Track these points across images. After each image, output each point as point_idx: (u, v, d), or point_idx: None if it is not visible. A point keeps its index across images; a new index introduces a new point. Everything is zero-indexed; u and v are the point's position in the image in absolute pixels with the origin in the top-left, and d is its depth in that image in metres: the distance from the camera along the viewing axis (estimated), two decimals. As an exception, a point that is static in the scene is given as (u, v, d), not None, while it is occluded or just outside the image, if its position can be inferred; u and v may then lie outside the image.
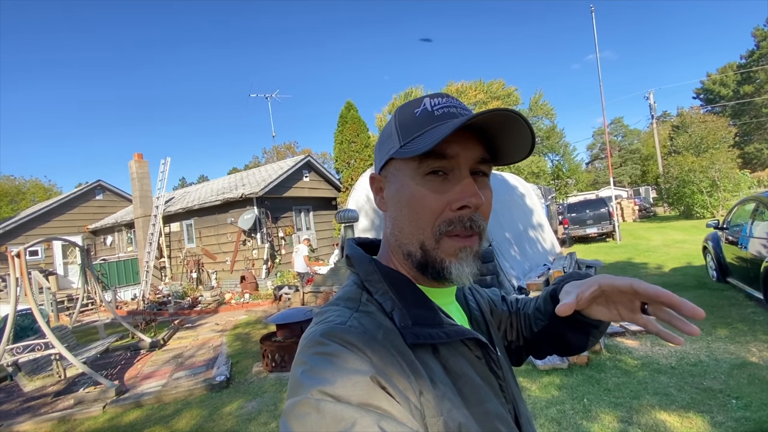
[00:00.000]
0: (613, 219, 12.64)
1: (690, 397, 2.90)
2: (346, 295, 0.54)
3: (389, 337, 0.46)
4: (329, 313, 0.50)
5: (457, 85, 36.23)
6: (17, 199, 29.48)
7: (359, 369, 0.41)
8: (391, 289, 0.52)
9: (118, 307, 10.56)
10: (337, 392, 0.38)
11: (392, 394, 0.40)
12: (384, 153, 0.55)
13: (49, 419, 3.68)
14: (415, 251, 0.52)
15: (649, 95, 25.20)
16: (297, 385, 0.40)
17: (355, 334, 0.45)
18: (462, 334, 0.52)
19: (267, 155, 40.17)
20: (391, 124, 0.55)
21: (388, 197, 0.55)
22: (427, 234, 0.50)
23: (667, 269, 7.48)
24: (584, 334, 0.64)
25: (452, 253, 0.50)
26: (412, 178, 0.51)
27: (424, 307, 0.52)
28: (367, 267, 0.55)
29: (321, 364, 0.41)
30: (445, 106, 0.52)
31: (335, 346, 0.43)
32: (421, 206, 0.50)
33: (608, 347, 3.95)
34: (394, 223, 0.54)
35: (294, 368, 0.44)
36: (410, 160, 0.51)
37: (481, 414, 0.48)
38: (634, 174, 44.69)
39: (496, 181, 9.06)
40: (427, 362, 0.48)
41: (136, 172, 11.80)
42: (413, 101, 0.54)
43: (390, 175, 0.55)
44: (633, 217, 21.33)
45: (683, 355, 3.64)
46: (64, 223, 14.25)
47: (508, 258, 6.67)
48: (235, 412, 3.51)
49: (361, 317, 0.48)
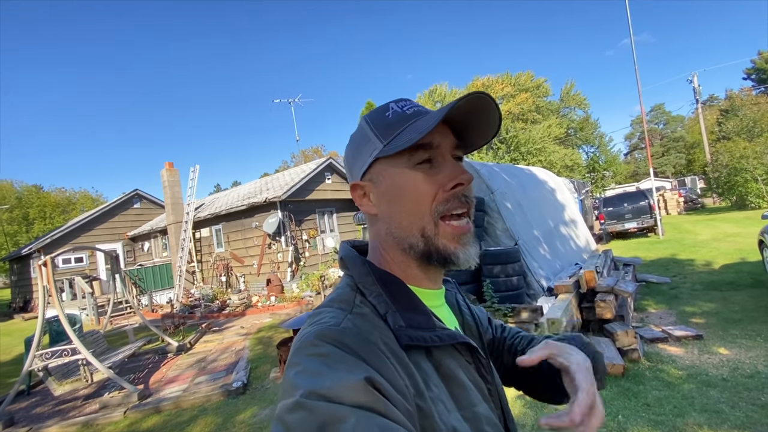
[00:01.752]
0: (654, 212, 11.78)
1: (745, 415, 2.52)
2: (339, 296, 0.54)
3: (383, 338, 0.47)
4: (323, 314, 0.50)
5: (483, 80, 35.42)
6: (68, 210, 31.66)
7: (353, 370, 0.41)
8: (385, 291, 0.52)
9: (153, 310, 10.98)
10: (331, 393, 0.38)
11: (386, 395, 0.40)
12: (365, 157, 0.56)
13: (74, 423, 3.77)
14: (417, 242, 0.53)
15: (693, 78, 23.44)
16: (290, 386, 0.40)
17: (349, 335, 0.45)
18: (454, 338, 0.53)
19: (295, 159, 40.97)
20: (365, 131, 0.56)
21: (377, 198, 0.56)
22: (426, 219, 0.52)
23: (717, 266, 6.81)
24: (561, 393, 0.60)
25: (454, 239, 0.53)
26: (403, 171, 0.53)
27: (417, 310, 0.52)
28: (361, 269, 0.55)
29: (315, 365, 0.41)
30: (413, 106, 0.56)
31: (329, 347, 0.43)
32: (418, 193, 0.52)
33: (648, 355, 3.57)
34: (390, 220, 0.55)
35: (287, 370, 0.43)
36: (398, 156, 0.53)
37: (472, 417, 0.49)
38: (679, 163, 42.01)
39: (524, 176, 8.65)
40: (421, 364, 0.48)
41: (168, 180, 12.24)
42: (379, 108, 0.57)
43: (376, 177, 0.55)
44: (678, 209, 19.98)
45: (737, 365, 3.22)
46: (106, 231, 15.04)
47: (537, 257, 6.30)
48: (248, 420, 3.45)
49: (355, 319, 0.48)
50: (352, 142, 0.59)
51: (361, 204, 0.58)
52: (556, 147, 31.34)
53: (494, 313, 4.95)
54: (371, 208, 0.57)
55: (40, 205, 30.09)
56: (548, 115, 34.28)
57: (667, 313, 4.79)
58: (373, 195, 0.56)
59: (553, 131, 31.13)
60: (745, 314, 4.32)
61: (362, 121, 0.58)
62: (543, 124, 31.80)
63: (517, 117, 33.11)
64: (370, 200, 0.57)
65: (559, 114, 35.87)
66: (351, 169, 0.60)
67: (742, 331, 3.88)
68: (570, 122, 35.80)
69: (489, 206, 6.32)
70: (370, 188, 0.56)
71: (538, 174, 9.63)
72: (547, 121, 32.15)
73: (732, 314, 4.38)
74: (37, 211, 29.62)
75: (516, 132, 30.55)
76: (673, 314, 4.70)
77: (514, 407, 3.02)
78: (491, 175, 6.86)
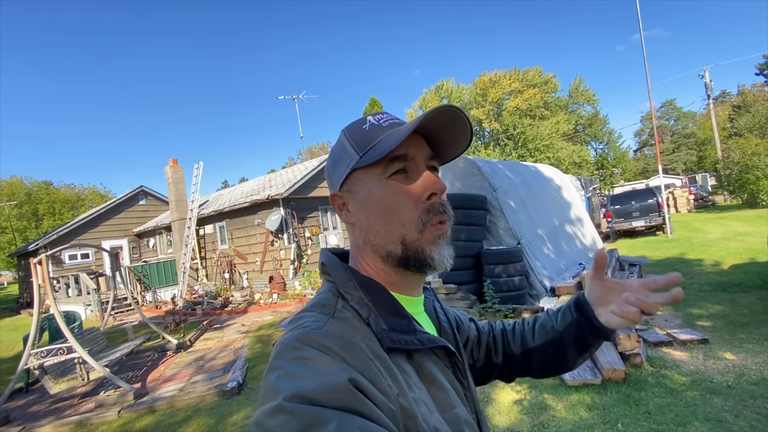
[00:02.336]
0: (662, 210, 11.55)
1: (749, 425, 2.41)
2: (321, 302, 0.53)
3: (366, 341, 0.47)
4: (305, 319, 0.50)
5: (490, 75, 35.06)
6: (77, 206, 32.05)
7: (336, 373, 0.40)
8: (367, 296, 0.53)
9: (158, 306, 11.05)
10: (313, 396, 0.37)
11: (369, 396, 0.40)
12: (343, 168, 0.57)
13: (68, 423, 3.76)
14: (395, 249, 0.54)
15: (704, 73, 22.95)
16: (272, 390, 0.39)
17: (331, 338, 0.45)
18: (433, 342, 0.54)
19: (301, 156, 41.00)
20: (343, 143, 0.58)
21: (355, 208, 0.57)
22: (408, 227, 0.53)
23: (726, 266, 6.64)
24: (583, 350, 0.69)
25: (431, 240, 0.54)
26: (379, 181, 0.54)
27: (399, 314, 0.53)
28: (343, 274, 0.56)
29: (297, 368, 0.41)
30: (390, 119, 0.58)
31: (312, 350, 0.43)
32: (394, 204, 0.53)
33: (651, 360, 3.46)
34: (368, 229, 0.55)
35: (268, 374, 0.43)
36: (374, 167, 0.54)
37: (452, 418, 0.50)
38: (690, 160, 41.31)
39: (529, 173, 8.50)
40: (403, 367, 0.49)
41: (172, 177, 12.27)
42: (357, 121, 0.59)
43: (353, 187, 0.57)
44: (688, 207, 19.64)
45: (743, 371, 3.10)
46: (112, 228, 15.16)
47: (540, 257, 6.18)
48: (240, 422, 3.40)
49: (337, 323, 0.48)
50: (331, 154, 0.61)
51: (340, 213, 0.60)
52: (564, 143, 30.98)
53: (495, 313, 4.86)
54: (349, 217, 0.58)
55: (50, 201, 30.49)
56: (556, 111, 33.86)
57: (672, 315, 4.66)
58: (351, 205, 0.57)
59: (561, 127, 30.77)
60: (753, 317, 4.18)
61: (341, 133, 0.59)
62: (551, 120, 31.43)
63: (524, 113, 32.75)
64: (348, 210, 0.58)
65: (568, 110, 35.40)
66: (331, 179, 0.61)
67: (749, 335, 3.75)
68: (578, 118, 35.30)
69: (491, 204, 6.20)
70: (347, 198, 0.58)
71: (543, 171, 9.47)
72: (555, 117, 31.76)
73: (740, 317, 4.24)
74: (46, 206, 30.02)
75: (524, 128, 30.23)
76: (679, 316, 4.57)
77: (511, 413, 2.94)
78: (494, 173, 6.74)
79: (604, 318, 0.64)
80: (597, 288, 0.66)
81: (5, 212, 27.92)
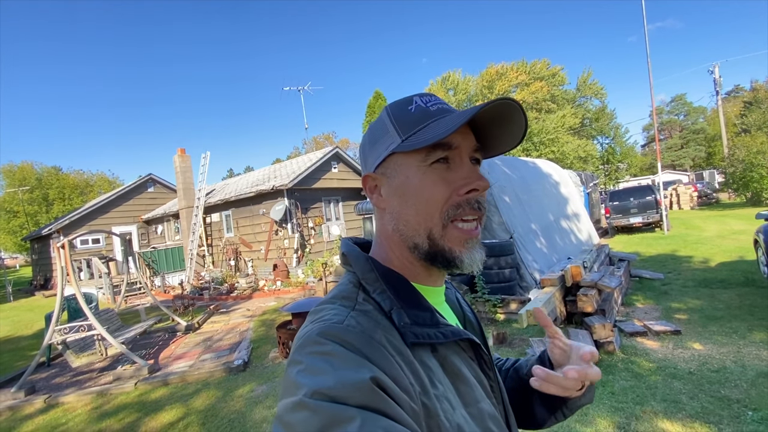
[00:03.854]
0: (660, 207, 11.70)
1: (701, 405, 2.70)
2: (342, 293, 0.53)
3: (387, 336, 0.46)
4: (325, 311, 0.49)
5: (497, 67, 34.82)
6: (86, 191, 32.60)
7: (358, 370, 0.40)
8: (389, 288, 0.52)
9: (166, 291, 11.47)
10: (335, 393, 0.37)
11: (392, 395, 0.40)
12: (381, 150, 0.55)
13: (89, 393, 4.14)
14: (422, 242, 0.52)
15: (714, 69, 22.70)
16: (293, 385, 0.40)
17: (353, 333, 0.44)
18: (458, 334, 0.53)
19: (307, 146, 41.19)
20: (384, 122, 0.55)
21: (388, 193, 0.55)
22: (435, 221, 0.52)
23: (713, 263, 6.86)
24: (552, 409, 0.66)
25: (460, 243, 0.52)
26: (418, 168, 0.52)
27: (421, 307, 0.52)
28: (364, 265, 0.55)
29: (318, 363, 0.41)
30: (437, 103, 0.55)
31: (333, 345, 0.43)
32: (430, 193, 0.52)
33: (624, 348, 3.74)
34: (398, 216, 0.54)
35: (289, 367, 0.43)
36: (415, 153, 0.52)
37: (477, 413, 0.50)
38: (698, 156, 40.91)
39: (526, 169, 8.71)
40: (426, 362, 0.48)
41: (180, 166, 12.59)
42: (402, 100, 0.56)
43: (390, 171, 0.55)
44: (691, 204, 19.56)
45: (707, 359, 3.37)
46: (121, 214, 15.59)
47: (531, 250, 6.44)
48: (246, 395, 3.75)
49: (359, 316, 0.48)
50: (370, 132, 0.58)
51: (371, 196, 0.58)
52: (570, 137, 30.83)
53: (485, 303, 5.14)
54: (381, 201, 0.56)
55: (59, 186, 31.02)
56: (563, 104, 33.62)
57: (653, 308, 4.91)
58: (385, 189, 0.56)
59: (567, 121, 30.59)
60: (728, 312, 4.43)
61: (383, 111, 0.56)
62: (557, 113, 31.25)
63: (531, 106, 32.58)
64: (380, 194, 0.56)
65: (575, 103, 35.14)
66: (366, 159, 0.59)
67: (720, 328, 4.01)
68: (585, 112, 35.04)
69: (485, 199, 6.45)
70: (382, 181, 0.56)
71: (542, 167, 9.66)
72: (561, 111, 31.57)
73: (715, 311, 4.49)
74: (56, 192, 30.57)
75: (529, 122, 30.02)
76: (659, 309, 4.82)
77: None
78: (491, 168, 6.97)
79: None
80: (554, 348, 0.64)
81: (17, 197, 28.53)
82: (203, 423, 3.33)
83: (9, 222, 29.37)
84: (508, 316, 5.03)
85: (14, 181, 30.33)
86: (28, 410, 4.01)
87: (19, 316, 10.74)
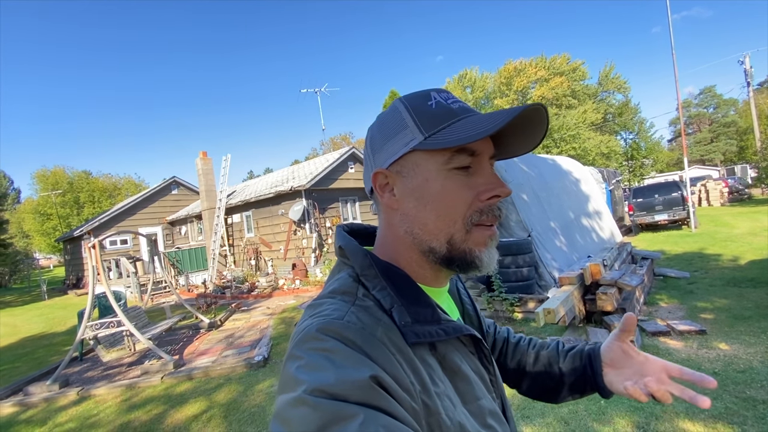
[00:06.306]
0: (687, 204, 11.31)
1: (725, 406, 2.62)
2: (341, 288, 0.51)
3: (388, 334, 0.45)
4: (324, 306, 0.48)
5: (515, 63, 34.30)
6: (114, 194, 33.90)
7: (359, 368, 0.39)
8: (389, 284, 0.50)
9: (189, 290, 11.84)
10: (335, 390, 0.37)
11: (392, 393, 0.40)
12: (398, 146, 0.51)
13: (119, 386, 4.34)
14: (440, 247, 0.51)
15: (745, 59, 21.73)
16: (292, 381, 0.39)
17: (353, 330, 0.43)
18: (459, 330, 0.52)
19: (324, 147, 41.61)
20: (402, 116, 0.52)
21: (402, 192, 0.52)
22: (458, 226, 0.50)
23: (743, 261, 6.59)
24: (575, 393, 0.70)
25: (482, 242, 0.51)
26: (439, 171, 0.50)
27: (422, 303, 0.51)
28: (363, 260, 0.53)
29: (318, 360, 0.40)
30: (456, 101, 0.52)
31: (333, 342, 0.42)
32: (453, 199, 0.50)
33: (645, 347, 3.65)
34: (414, 219, 0.51)
35: (287, 363, 0.42)
36: (437, 154, 0.50)
37: (477, 410, 0.50)
38: (729, 150, 39.25)
39: (545, 166, 8.58)
40: (426, 359, 0.48)
41: (202, 169, 12.96)
42: (418, 93, 0.53)
43: (406, 170, 0.51)
44: (721, 200, 18.78)
45: (733, 360, 3.26)
46: (147, 216, 16.15)
47: (551, 249, 6.35)
48: (266, 390, 3.85)
49: (359, 312, 0.46)
50: (381, 124, 0.54)
51: (381, 195, 0.54)
52: (592, 133, 30.10)
53: (502, 302, 5.11)
54: (393, 202, 0.53)
55: (90, 189, 32.34)
56: (584, 99, 32.84)
57: (677, 307, 4.78)
58: (399, 188, 0.52)
59: (588, 117, 29.88)
60: (757, 311, 4.26)
61: (398, 103, 0.53)
62: (578, 109, 30.56)
63: (550, 102, 31.96)
64: (393, 193, 0.53)
65: (597, 98, 34.26)
66: (376, 153, 0.54)
67: (748, 328, 3.87)
68: (608, 107, 34.12)
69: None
70: (396, 180, 0.52)
71: (562, 164, 9.49)
72: (582, 106, 30.85)
73: (743, 311, 4.33)
74: (86, 195, 31.88)
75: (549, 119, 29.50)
76: (684, 309, 4.69)
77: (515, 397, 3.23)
78: (508, 166, 6.90)
79: (609, 379, 0.64)
80: (616, 349, 0.64)
81: (51, 200, 29.92)
82: (225, 416, 3.45)
83: (43, 224, 30.81)
84: (525, 314, 4.98)
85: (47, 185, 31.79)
86: (62, 402, 4.23)
87: (53, 313, 11.30)
